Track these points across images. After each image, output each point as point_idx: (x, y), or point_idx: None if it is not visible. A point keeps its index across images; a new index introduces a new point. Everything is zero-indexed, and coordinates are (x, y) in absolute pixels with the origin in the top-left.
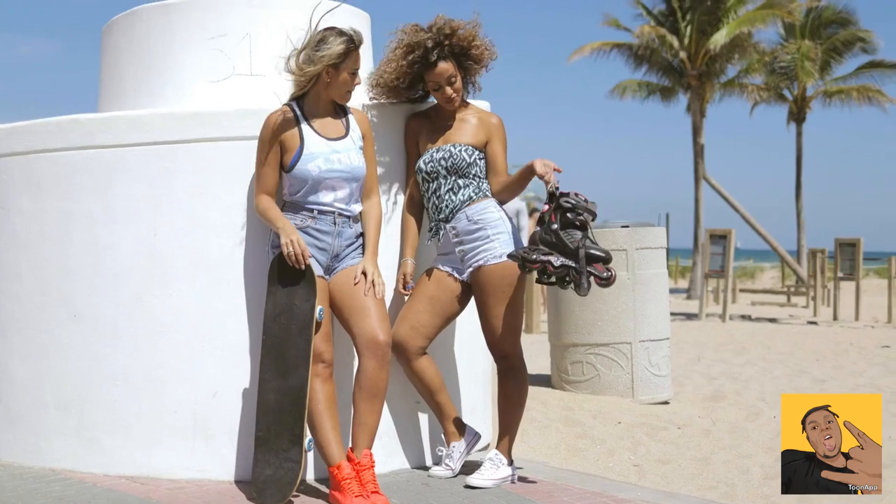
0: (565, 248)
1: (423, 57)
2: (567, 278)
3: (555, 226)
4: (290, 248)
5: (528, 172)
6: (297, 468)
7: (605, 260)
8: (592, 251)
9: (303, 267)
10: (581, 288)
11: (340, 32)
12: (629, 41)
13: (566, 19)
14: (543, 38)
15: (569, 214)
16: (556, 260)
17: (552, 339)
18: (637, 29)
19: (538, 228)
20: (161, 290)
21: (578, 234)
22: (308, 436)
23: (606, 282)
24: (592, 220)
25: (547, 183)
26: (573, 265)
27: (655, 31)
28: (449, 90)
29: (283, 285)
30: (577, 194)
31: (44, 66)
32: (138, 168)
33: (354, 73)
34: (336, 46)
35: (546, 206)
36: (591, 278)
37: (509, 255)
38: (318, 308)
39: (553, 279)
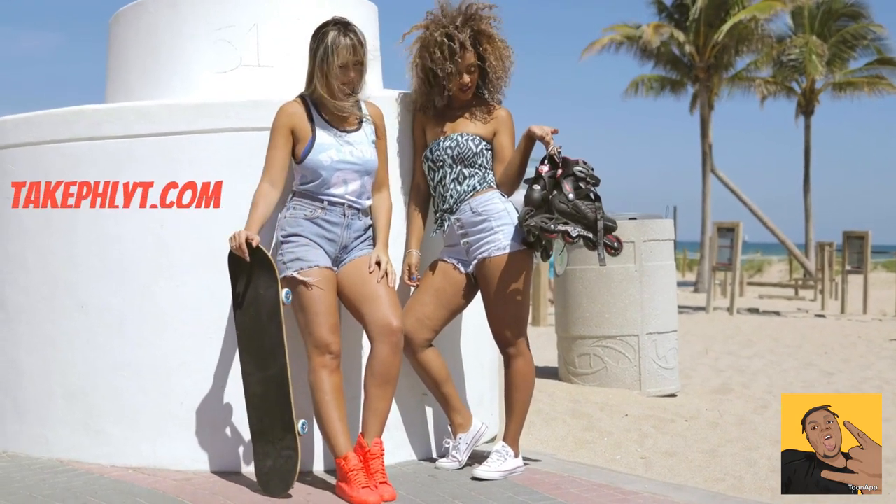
0: (581, 219)
1: (448, 42)
2: (567, 246)
3: (571, 196)
4: (233, 242)
5: (528, 141)
6: (294, 455)
7: (614, 229)
8: (608, 223)
9: (247, 258)
10: (601, 260)
11: (336, 25)
12: (637, 35)
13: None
14: (551, 32)
15: (581, 184)
16: (573, 230)
17: (559, 331)
18: (641, 28)
19: (535, 187)
20: (168, 281)
21: (594, 204)
22: (299, 420)
23: (617, 251)
24: (596, 186)
25: (547, 145)
26: (590, 236)
27: (662, 27)
28: (466, 77)
29: (243, 277)
30: (584, 162)
31: (47, 59)
32: (145, 159)
33: (346, 66)
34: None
35: (545, 167)
36: (604, 248)
37: (525, 225)
38: (283, 291)
39: (542, 247)
